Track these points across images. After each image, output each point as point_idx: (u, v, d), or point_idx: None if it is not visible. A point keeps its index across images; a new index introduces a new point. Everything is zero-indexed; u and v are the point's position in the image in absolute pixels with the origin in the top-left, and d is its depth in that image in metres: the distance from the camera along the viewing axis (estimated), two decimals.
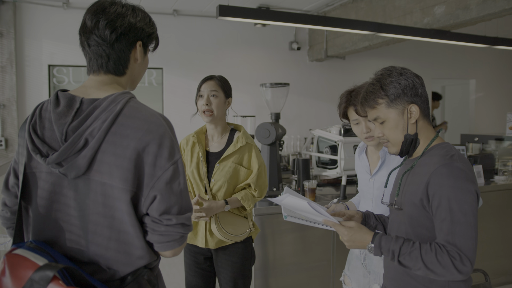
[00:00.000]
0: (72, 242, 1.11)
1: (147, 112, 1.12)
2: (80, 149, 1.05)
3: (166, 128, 1.12)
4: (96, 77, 1.18)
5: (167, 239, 1.11)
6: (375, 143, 1.91)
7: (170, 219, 1.09)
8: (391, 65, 1.46)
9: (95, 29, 1.13)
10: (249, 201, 2.17)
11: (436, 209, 1.31)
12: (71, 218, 1.10)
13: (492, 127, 7.03)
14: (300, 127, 5.80)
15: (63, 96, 1.12)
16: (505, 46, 4.33)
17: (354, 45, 4.85)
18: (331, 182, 3.83)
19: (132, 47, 1.18)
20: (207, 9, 5.08)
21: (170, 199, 1.09)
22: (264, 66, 5.68)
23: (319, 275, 3.15)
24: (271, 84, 3.38)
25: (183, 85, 5.29)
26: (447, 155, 1.33)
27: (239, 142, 2.18)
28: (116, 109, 1.07)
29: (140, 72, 1.26)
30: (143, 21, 1.19)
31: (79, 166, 1.05)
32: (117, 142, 1.06)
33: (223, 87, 2.20)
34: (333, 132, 3.28)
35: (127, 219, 1.08)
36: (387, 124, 1.44)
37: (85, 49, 1.17)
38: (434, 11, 3.65)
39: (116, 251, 1.09)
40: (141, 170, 1.07)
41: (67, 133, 1.07)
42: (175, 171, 1.10)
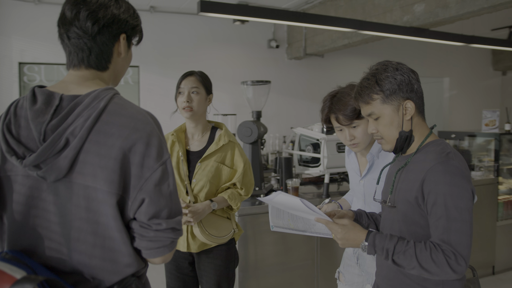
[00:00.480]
0: (53, 251, 1.03)
1: (133, 109, 1.04)
2: (61, 149, 0.97)
3: (153, 126, 1.04)
4: (77, 72, 1.09)
5: (157, 245, 1.03)
6: (359, 149, 1.86)
7: (160, 223, 1.02)
8: (386, 60, 1.43)
9: (75, 21, 1.05)
10: (236, 200, 2.11)
11: (431, 207, 1.28)
12: (51, 225, 1.02)
13: (466, 124, 7.18)
14: (279, 126, 5.77)
15: (41, 93, 1.04)
16: (481, 45, 4.40)
17: (333, 43, 4.85)
18: (313, 180, 3.81)
19: (116, 40, 1.11)
20: (184, 6, 4.98)
21: (160, 202, 1.02)
22: (242, 64, 5.63)
23: (303, 275, 3.12)
24: (252, 82, 3.33)
25: (160, 83, 5.18)
26: (443, 153, 1.31)
27: (221, 140, 2.10)
28: (99, 106, 1.00)
29: (123, 67, 1.18)
30: (127, 13, 1.11)
31: (60, 168, 0.97)
32: (101, 141, 0.98)
33: (204, 83, 2.12)
34: (315, 130, 3.25)
35: (113, 224, 1.00)
36: (381, 120, 1.40)
37: (64, 42, 1.09)
38: (414, 9, 3.67)
39: (101, 259, 1.02)
40: (128, 171, 1.00)
41: (46, 132, 0.98)
42: (164, 172, 1.03)
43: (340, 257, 3.25)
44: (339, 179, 3.79)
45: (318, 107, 5.40)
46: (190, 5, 4.95)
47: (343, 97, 1.80)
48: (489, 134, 4.42)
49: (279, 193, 1.46)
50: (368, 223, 1.64)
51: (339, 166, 3.18)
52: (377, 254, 1.35)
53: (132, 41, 1.18)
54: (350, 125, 1.79)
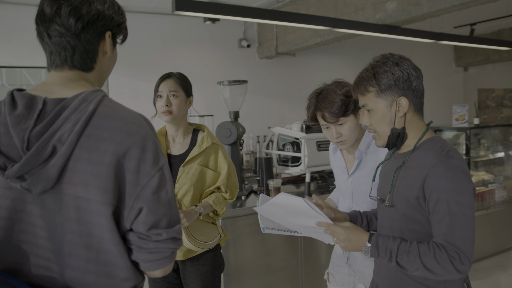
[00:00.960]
0: (41, 269, 0.94)
1: (125, 111, 0.97)
2: (47, 158, 0.89)
3: (148, 129, 0.98)
4: (60, 73, 1.01)
5: (157, 257, 0.97)
6: (346, 147, 1.84)
7: (160, 233, 0.95)
8: (389, 53, 1.41)
9: (56, 17, 0.97)
10: (221, 204, 2.04)
11: (433, 207, 1.27)
12: (38, 240, 0.93)
13: (433, 119, 7.38)
14: (252, 125, 5.73)
15: (21, 97, 0.94)
16: (449, 42, 4.53)
17: (305, 42, 4.85)
18: (292, 179, 3.80)
19: (101, 38, 1.03)
20: (153, 6, 4.85)
21: (159, 211, 0.95)
22: (213, 64, 5.55)
23: (287, 276, 3.09)
24: (229, 81, 3.27)
25: (129, 85, 5.03)
26: (443, 151, 1.30)
27: (204, 143, 2.03)
28: (88, 109, 0.92)
29: (109, 67, 1.11)
30: (112, 9, 1.04)
31: (47, 179, 0.89)
32: (92, 147, 0.90)
33: (184, 85, 2.04)
34: (294, 129, 3.24)
35: (109, 237, 0.93)
36: (374, 114, 1.39)
37: (44, 41, 1.00)
38: (386, 7, 3.71)
39: (96, 274, 0.94)
40: (122, 178, 0.92)
41: (30, 139, 0.90)
42: (162, 178, 0.96)
43: (323, 257, 3.24)
44: (319, 178, 3.79)
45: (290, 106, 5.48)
46: (159, 5, 4.82)
47: (329, 94, 1.77)
48: (459, 129, 4.55)
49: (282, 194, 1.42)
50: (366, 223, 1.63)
51: (319, 164, 3.17)
52: (380, 256, 1.33)
53: (117, 39, 1.10)
54: (336, 122, 1.78)
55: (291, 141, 3.27)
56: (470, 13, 5.44)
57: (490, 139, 5.07)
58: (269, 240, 3.01)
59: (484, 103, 8.19)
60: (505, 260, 4.45)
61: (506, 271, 4.18)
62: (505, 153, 5.05)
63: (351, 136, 1.80)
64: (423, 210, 1.32)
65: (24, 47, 4.49)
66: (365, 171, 1.86)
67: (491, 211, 4.49)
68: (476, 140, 4.86)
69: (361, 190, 1.88)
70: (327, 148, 3.19)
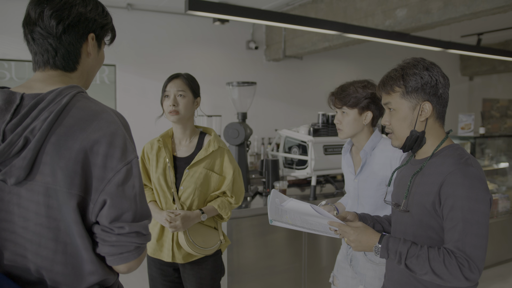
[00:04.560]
0: (18, 257, 0.97)
1: (97, 106, 1.00)
2: (20, 150, 0.92)
3: (118, 125, 0.99)
4: (42, 73, 1.05)
5: (120, 250, 0.98)
6: (342, 137, 1.94)
7: (122, 226, 0.97)
8: (421, 57, 1.41)
9: (39, 21, 1.01)
10: (226, 209, 2.03)
11: (448, 213, 1.27)
12: (17, 229, 0.97)
13: None
14: (258, 127, 5.74)
15: (1, 93, 0.98)
16: (457, 50, 4.54)
17: (313, 46, 4.87)
18: (297, 182, 3.80)
19: (83, 40, 1.06)
20: (163, 4, 4.87)
21: (122, 204, 0.97)
22: (220, 65, 5.57)
23: (290, 278, 3.10)
24: (238, 83, 3.28)
25: (137, 83, 5.05)
26: (462, 158, 1.30)
27: (211, 146, 2.01)
28: (61, 103, 0.95)
29: (94, 68, 1.14)
30: (95, 11, 1.07)
31: (19, 170, 0.92)
32: (61, 141, 0.93)
33: (191, 86, 2.03)
34: (301, 132, 3.24)
35: (74, 229, 0.96)
36: (395, 114, 1.40)
37: (30, 43, 1.05)
38: (396, 14, 3.73)
39: (63, 265, 0.97)
40: (89, 172, 0.95)
41: (5, 132, 0.93)
42: (129, 173, 0.98)
43: (327, 259, 3.25)
44: (324, 181, 3.80)
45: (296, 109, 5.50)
46: (169, 4, 4.85)
47: (347, 86, 1.91)
48: (464, 138, 4.56)
49: (291, 199, 1.44)
50: (373, 223, 1.64)
51: (326, 168, 3.18)
52: (390, 257, 1.33)
53: (104, 40, 1.14)
54: (340, 109, 1.91)
55: (297, 144, 3.28)
56: (478, 22, 5.46)
57: (494, 149, 5.08)
58: (272, 241, 3.02)
59: (488, 113, 8.20)
60: (506, 270, 4.45)
61: (507, 281, 4.18)
62: (508, 164, 5.05)
63: (348, 128, 1.91)
64: (438, 217, 1.32)
65: None
66: (369, 172, 1.91)
67: (493, 221, 4.49)
68: (480, 149, 4.86)
69: (365, 190, 1.92)
70: (334, 152, 3.21)
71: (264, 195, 3.28)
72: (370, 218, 1.65)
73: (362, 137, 1.93)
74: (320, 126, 3.20)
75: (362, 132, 1.92)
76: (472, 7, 3.18)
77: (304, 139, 3.15)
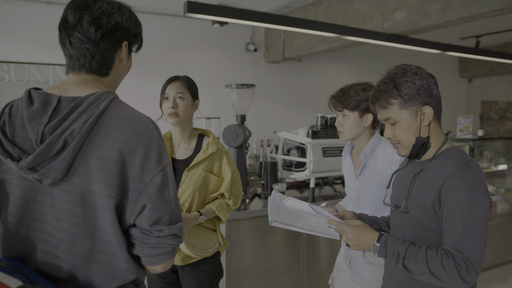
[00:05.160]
0: (48, 256, 1.00)
1: (132, 112, 1.04)
2: (58, 151, 0.95)
3: (153, 131, 1.04)
4: (77, 76, 1.09)
5: (159, 252, 1.02)
6: (344, 139, 1.95)
7: (162, 230, 1.00)
8: (404, 63, 1.42)
9: (78, 26, 1.04)
10: (224, 211, 2.03)
11: (447, 215, 1.27)
12: (48, 228, 1.00)
13: None
14: (257, 129, 5.74)
15: (37, 94, 1.02)
16: (456, 53, 4.55)
17: (312, 48, 4.88)
18: (295, 185, 3.81)
19: (118, 47, 1.11)
20: (162, 7, 4.88)
21: (161, 208, 1.01)
22: (220, 67, 5.58)
23: (289, 280, 3.10)
24: (237, 85, 3.29)
25: (135, 85, 5.05)
26: (463, 160, 1.30)
27: (209, 148, 2.02)
28: (99, 108, 0.99)
29: (123, 73, 1.19)
30: (129, 20, 1.12)
31: (57, 171, 0.95)
32: (100, 144, 0.97)
33: (190, 88, 2.04)
34: (300, 134, 3.25)
35: (110, 229, 0.99)
36: (399, 125, 1.39)
37: (66, 47, 1.08)
38: (395, 16, 3.74)
39: (98, 264, 1.00)
40: (126, 175, 0.98)
41: (44, 134, 0.96)
42: (165, 177, 1.02)
43: (326, 262, 3.25)
44: (322, 184, 3.80)
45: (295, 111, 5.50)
46: (168, 6, 4.86)
47: (347, 88, 1.92)
48: (463, 140, 4.56)
49: (289, 198, 1.44)
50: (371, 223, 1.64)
51: (324, 170, 3.19)
52: (388, 257, 1.34)
53: (132, 48, 1.18)
54: (341, 111, 1.92)
55: (296, 146, 3.28)
56: (476, 25, 5.47)
57: (492, 151, 5.08)
58: (271, 244, 3.02)
59: (487, 115, 8.21)
60: (505, 272, 4.45)
61: (506, 283, 4.18)
62: (507, 166, 5.06)
63: (348, 131, 1.92)
64: (438, 219, 1.32)
65: (32, 43, 4.52)
66: (369, 174, 1.92)
67: (492, 223, 4.49)
68: (479, 152, 4.87)
69: (365, 192, 1.92)
70: (332, 154, 3.21)
71: (262, 197, 3.28)
72: (367, 218, 1.65)
73: (363, 139, 1.94)
74: (319, 128, 3.20)
75: (363, 135, 1.93)
76: (470, 10, 3.19)
77: (302, 141, 3.16)
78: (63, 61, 1.11)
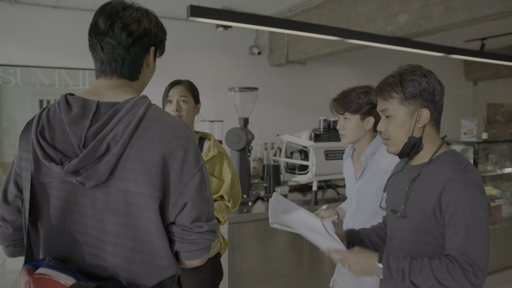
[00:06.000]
0: (90, 256, 1.04)
1: (169, 117, 1.09)
2: (102, 155, 0.99)
3: (190, 135, 1.09)
4: (109, 81, 1.13)
5: (198, 247, 1.08)
6: (345, 142, 1.95)
7: (201, 226, 1.06)
8: (418, 64, 1.42)
9: (110, 32, 1.09)
10: (223, 212, 2.05)
11: (449, 219, 1.27)
12: (88, 229, 1.03)
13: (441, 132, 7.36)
14: (260, 132, 5.76)
15: (75, 100, 1.06)
16: (460, 56, 4.53)
17: (316, 51, 4.88)
18: (298, 187, 3.81)
19: (146, 52, 1.15)
20: (166, 11, 4.92)
21: (201, 206, 1.06)
22: (224, 70, 5.60)
23: (292, 283, 3.10)
24: (240, 88, 3.31)
25: None
26: (461, 164, 1.31)
27: (210, 152, 2.05)
28: (139, 112, 1.03)
29: (149, 78, 1.23)
30: (156, 27, 1.17)
31: (101, 174, 0.99)
32: (142, 147, 1.01)
33: (192, 92, 2.08)
34: (303, 137, 3.26)
35: (154, 228, 1.03)
36: (393, 120, 1.40)
37: (97, 52, 1.12)
38: (398, 20, 3.74)
39: (140, 263, 1.04)
40: (167, 176, 1.03)
41: (86, 138, 1.00)
42: (202, 177, 1.08)
43: (329, 264, 3.25)
44: (325, 187, 3.81)
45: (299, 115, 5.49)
46: (173, 10, 4.89)
47: (349, 92, 1.93)
48: (468, 143, 4.54)
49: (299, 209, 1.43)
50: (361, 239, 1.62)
51: (327, 173, 3.19)
52: (393, 276, 1.30)
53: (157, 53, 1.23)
54: (342, 115, 1.92)
55: (299, 149, 3.29)
56: (481, 27, 5.46)
57: (498, 154, 5.05)
58: (274, 246, 3.03)
59: (493, 118, 8.16)
60: (510, 276, 4.42)
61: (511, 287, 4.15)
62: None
63: (350, 133, 1.92)
64: (437, 224, 1.32)
65: (38, 47, 4.56)
66: (369, 177, 1.92)
67: (497, 226, 4.46)
68: (484, 154, 4.84)
69: (366, 195, 1.93)
70: (335, 157, 3.21)
71: (265, 200, 3.29)
72: (356, 234, 1.64)
73: (364, 142, 1.95)
74: (322, 131, 3.21)
75: (364, 138, 1.94)
76: (473, 13, 3.19)
77: (305, 144, 3.16)
78: (69, 65, 1.14)
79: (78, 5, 4.56)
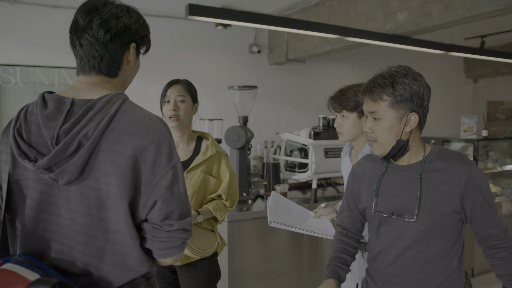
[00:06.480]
0: (63, 254, 1.05)
1: (143, 113, 1.08)
2: (73, 152, 1.00)
3: (163, 131, 1.08)
4: (87, 78, 1.13)
5: (169, 245, 1.07)
6: (343, 140, 1.95)
7: (172, 224, 1.05)
8: (407, 66, 1.40)
9: (88, 29, 1.09)
10: (221, 211, 2.06)
11: (482, 213, 1.36)
12: (61, 229, 1.05)
13: (441, 130, 7.37)
14: (260, 131, 5.76)
15: (51, 98, 1.06)
16: (459, 53, 4.53)
17: (315, 49, 4.88)
18: (298, 186, 3.81)
19: (126, 48, 1.15)
20: (166, 9, 4.92)
21: (171, 204, 1.05)
22: (223, 69, 5.60)
23: (292, 281, 3.11)
24: (239, 86, 3.31)
25: (140, 87, 5.08)
26: (464, 157, 1.38)
27: (208, 151, 2.05)
28: (111, 110, 1.02)
29: (131, 75, 1.23)
30: (137, 23, 1.16)
31: (72, 171, 0.99)
32: (113, 146, 1.01)
33: (190, 91, 2.09)
34: (302, 135, 3.26)
35: (124, 230, 1.03)
36: (381, 123, 1.38)
37: (76, 49, 1.12)
38: (397, 17, 3.74)
39: (112, 258, 1.05)
40: (139, 175, 1.02)
41: (59, 136, 1.01)
42: (175, 175, 1.06)
43: None
44: (325, 185, 3.81)
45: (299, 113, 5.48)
46: (172, 9, 4.89)
47: (346, 90, 1.92)
48: (468, 140, 4.54)
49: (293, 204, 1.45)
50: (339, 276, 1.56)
51: (327, 171, 3.19)
52: None
53: (141, 50, 1.22)
54: (340, 113, 1.92)
55: (299, 147, 3.29)
56: (481, 25, 5.45)
57: (498, 152, 5.05)
58: (274, 244, 3.03)
59: (493, 115, 8.15)
60: None
61: None
62: None
63: (348, 131, 1.92)
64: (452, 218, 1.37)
65: (38, 46, 4.57)
66: None
67: None
68: (484, 152, 4.84)
69: None
70: (334, 155, 3.22)
71: (265, 198, 3.29)
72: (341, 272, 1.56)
73: (362, 140, 1.95)
74: (321, 130, 3.21)
75: (362, 135, 1.94)
76: (472, 10, 3.18)
77: (304, 143, 3.17)
78: (68, 64, 1.15)
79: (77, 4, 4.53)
